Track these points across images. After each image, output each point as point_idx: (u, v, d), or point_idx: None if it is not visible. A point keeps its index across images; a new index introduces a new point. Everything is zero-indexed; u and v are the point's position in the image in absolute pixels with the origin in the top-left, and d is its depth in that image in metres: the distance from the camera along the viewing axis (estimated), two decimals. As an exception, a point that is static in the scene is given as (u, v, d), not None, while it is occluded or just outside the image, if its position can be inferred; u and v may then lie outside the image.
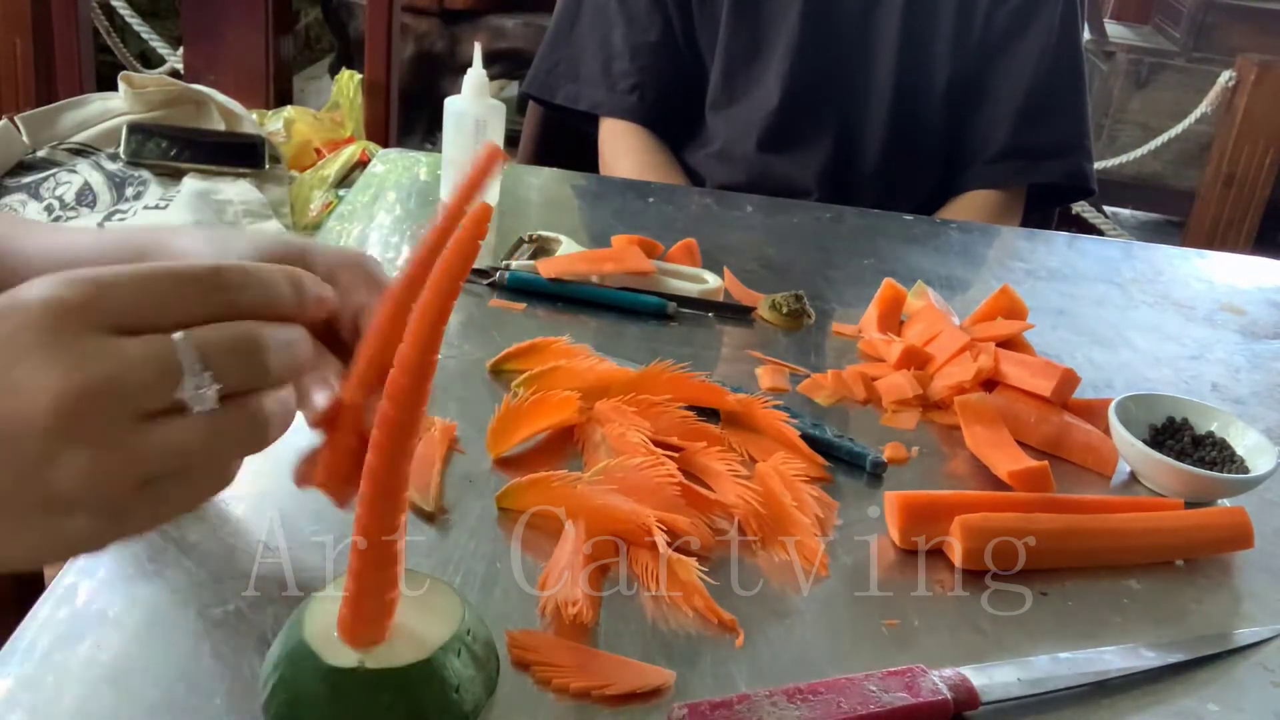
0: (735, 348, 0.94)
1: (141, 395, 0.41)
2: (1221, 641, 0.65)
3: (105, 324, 0.40)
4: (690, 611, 0.62)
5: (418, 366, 0.47)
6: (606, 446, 0.73)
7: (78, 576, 0.58)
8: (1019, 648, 0.63)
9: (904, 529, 0.70)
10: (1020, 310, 0.98)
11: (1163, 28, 3.90)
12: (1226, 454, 0.81)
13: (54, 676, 0.52)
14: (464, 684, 0.52)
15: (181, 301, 0.42)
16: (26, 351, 0.39)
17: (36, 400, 0.39)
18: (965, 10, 1.37)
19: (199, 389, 0.41)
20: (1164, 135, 3.39)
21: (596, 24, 1.44)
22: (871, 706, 0.55)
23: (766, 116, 1.38)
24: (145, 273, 0.42)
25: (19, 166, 1.95)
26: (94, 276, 0.41)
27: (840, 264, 1.15)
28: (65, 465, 0.40)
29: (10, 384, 0.39)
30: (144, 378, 0.40)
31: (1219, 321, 1.13)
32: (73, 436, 0.39)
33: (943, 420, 0.86)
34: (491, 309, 0.95)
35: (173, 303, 0.42)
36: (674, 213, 1.23)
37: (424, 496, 0.68)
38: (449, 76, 3.62)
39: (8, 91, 2.11)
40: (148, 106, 2.04)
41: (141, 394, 0.41)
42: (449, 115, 1.10)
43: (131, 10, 2.82)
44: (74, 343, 0.39)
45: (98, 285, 0.41)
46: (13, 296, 0.40)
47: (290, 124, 2.23)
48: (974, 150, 1.42)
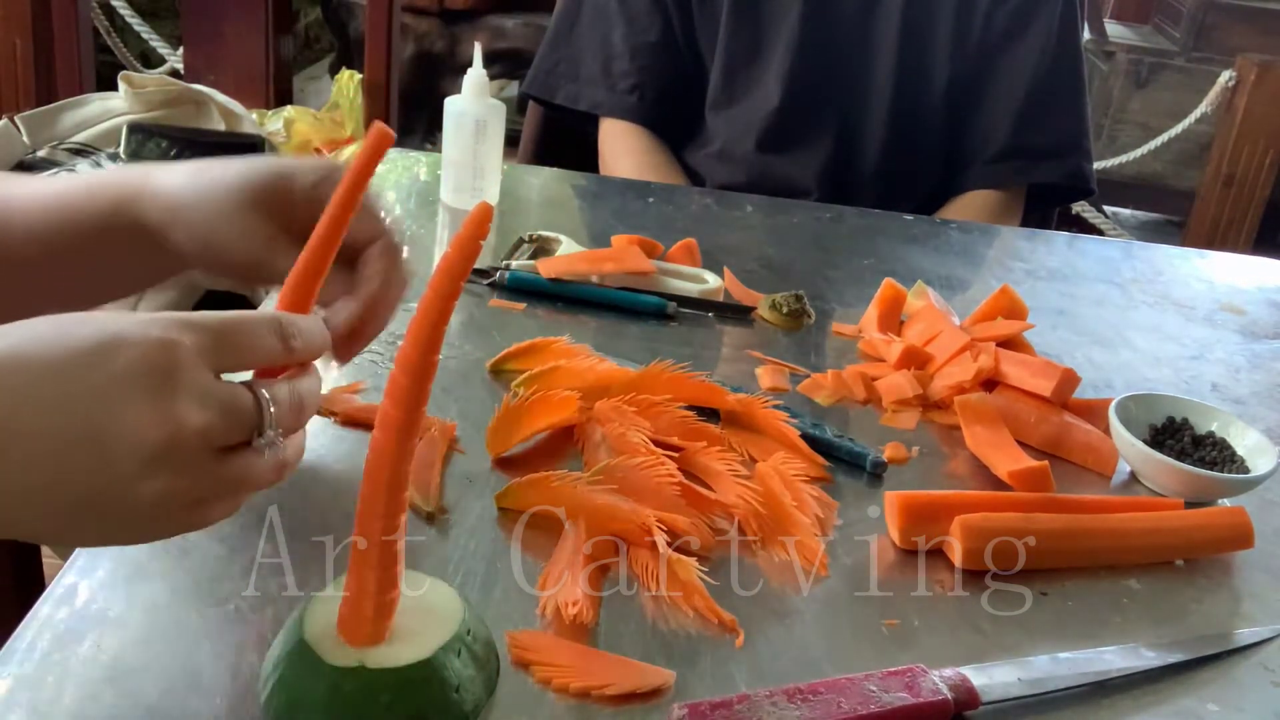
0: (735, 348, 0.94)
1: (224, 440, 0.48)
2: (1221, 641, 0.65)
3: (204, 365, 0.47)
4: (690, 611, 0.62)
5: (418, 366, 0.47)
6: (606, 446, 0.73)
7: (78, 576, 0.58)
8: (1019, 648, 0.63)
9: (904, 529, 0.70)
10: (1020, 310, 0.98)
11: (1163, 28, 3.90)
12: (1226, 454, 0.81)
13: (54, 676, 0.52)
14: (464, 684, 0.52)
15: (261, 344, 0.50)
16: (140, 391, 0.45)
17: (144, 437, 0.45)
18: (964, 10, 1.37)
19: (272, 441, 0.50)
20: (1164, 135, 3.39)
21: (596, 24, 1.45)
22: (871, 706, 0.55)
23: (766, 116, 1.38)
24: (233, 319, 0.49)
25: (19, 166, 1.94)
26: (190, 321, 0.48)
27: (840, 264, 1.15)
28: (149, 483, 0.46)
29: (123, 416, 0.45)
30: (229, 426, 0.48)
31: (1219, 321, 1.13)
32: (163, 468, 0.46)
33: (943, 420, 0.86)
34: (491, 309, 0.95)
35: (255, 345, 0.50)
36: (674, 213, 1.23)
37: (424, 496, 0.68)
38: (449, 76, 3.62)
39: (8, 91, 2.11)
40: (148, 106, 2.04)
41: (224, 439, 0.48)
42: (449, 115, 1.10)
43: (131, 10, 2.82)
44: (180, 391, 0.46)
45: (194, 330, 0.47)
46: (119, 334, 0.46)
47: (290, 124, 2.23)
48: (974, 150, 1.42)
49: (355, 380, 0.80)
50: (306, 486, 0.68)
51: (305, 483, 0.68)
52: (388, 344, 0.86)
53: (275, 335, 0.50)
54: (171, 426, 0.45)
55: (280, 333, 0.51)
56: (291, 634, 0.52)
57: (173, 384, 0.46)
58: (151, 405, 0.45)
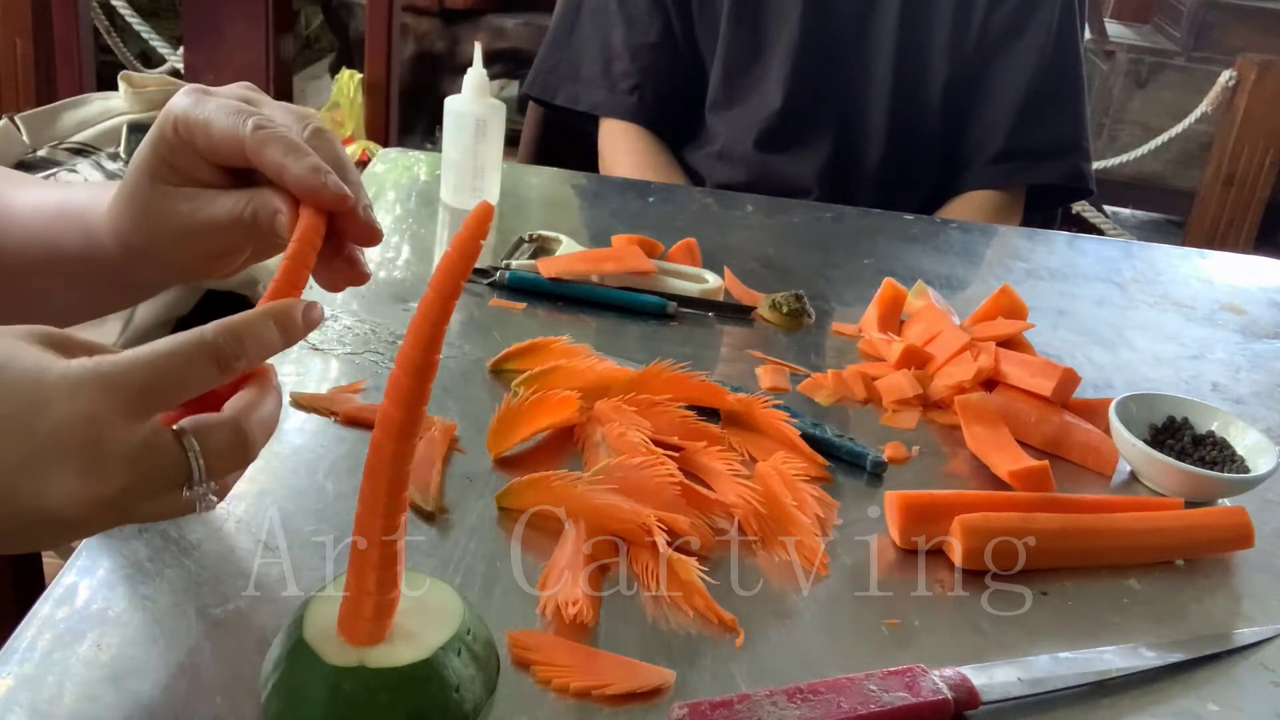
0: (735, 347, 0.94)
1: (150, 494, 0.48)
2: (1221, 641, 0.65)
3: (134, 422, 0.46)
4: (690, 611, 0.62)
5: (419, 366, 0.47)
6: (606, 446, 0.73)
7: (78, 576, 0.58)
8: (1019, 647, 0.63)
9: (904, 529, 0.70)
10: (1020, 310, 0.98)
11: (1163, 27, 3.89)
12: (1227, 454, 0.81)
13: (54, 676, 0.52)
14: (464, 684, 0.52)
15: (192, 384, 0.48)
16: (64, 462, 0.45)
17: (69, 504, 0.46)
18: (963, 10, 1.37)
19: (204, 494, 0.49)
20: (1164, 135, 3.38)
21: (596, 25, 1.45)
22: (872, 706, 0.55)
23: (767, 117, 1.38)
24: (159, 366, 0.47)
25: (19, 166, 1.94)
26: (119, 381, 0.46)
27: (840, 264, 1.15)
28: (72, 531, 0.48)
29: (48, 486, 0.45)
30: (158, 485, 0.47)
31: (1219, 321, 1.13)
32: (90, 524, 0.48)
33: (943, 420, 0.86)
34: (492, 309, 0.95)
35: (185, 387, 0.48)
36: (674, 213, 1.23)
37: (424, 496, 0.68)
38: (449, 76, 3.62)
39: (8, 91, 2.11)
40: (148, 106, 2.04)
41: (153, 493, 0.48)
42: (449, 115, 1.10)
43: (132, 10, 2.82)
44: (103, 462, 0.45)
45: (124, 394, 0.46)
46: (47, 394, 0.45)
47: (290, 124, 2.22)
48: (973, 150, 1.42)
49: (355, 380, 0.80)
50: (306, 486, 0.68)
51: (305, 483, 0.68)
52: (388, 344, 0.86)
53: (211, 363, 0.49)
54: (94, 491, 0.46)
55: (217, 358, 0.49)
56: (291, 634, 0.52)
57: (96, 455, 0.45)
58: (74, 477, 0.45)
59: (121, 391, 0.46)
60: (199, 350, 0.48)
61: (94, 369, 0.46)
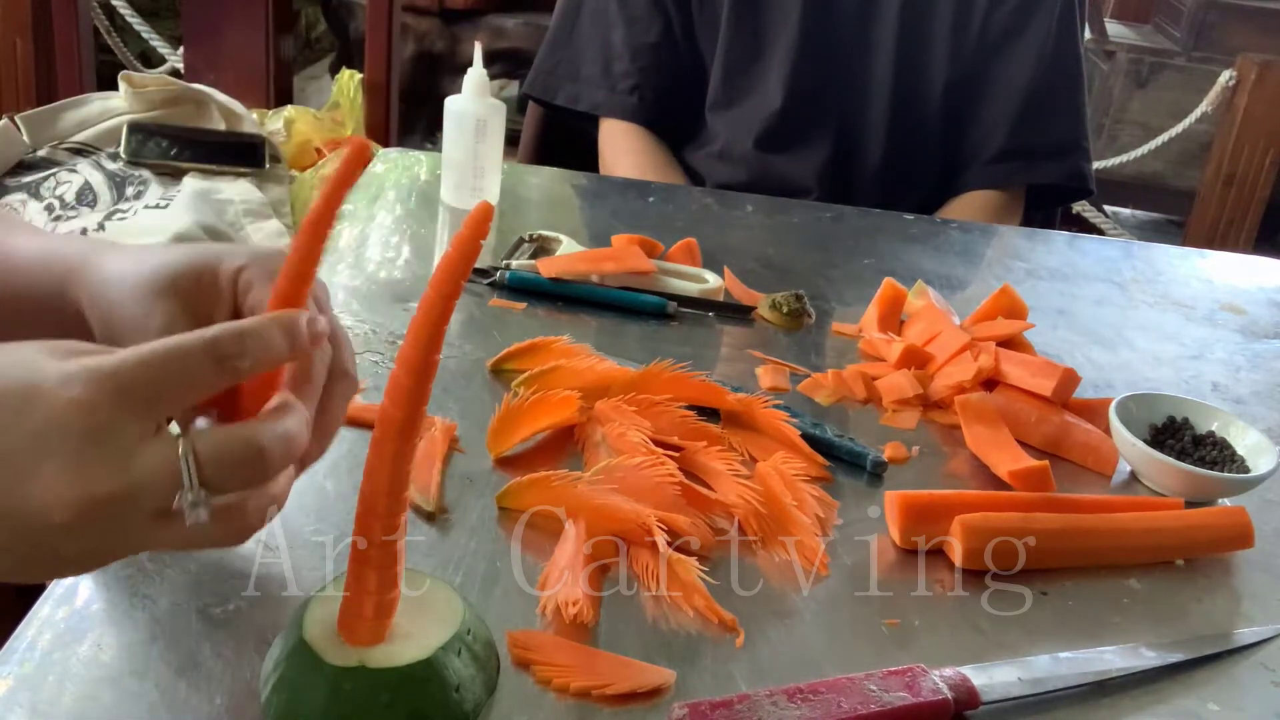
0: (735, 347, 0.94)
1: (147, 504, 0.45)
2: (1221, 641, 0.65)
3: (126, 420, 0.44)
4: (690, 611, 0.62)
5: (419, 366, 0.47)
6: (607, 446, 0.73)
7: (78, 576, 0.58)
8: (1019, 647, 0.63)
9: (904, 529, 0.70)
10: (1020, 310, 0.98)
11: (1163, 27, 3.89)
12: (1227, 454, 0.81)
13: (54, 676, 0.52)
14: (464, 684, 0.52)
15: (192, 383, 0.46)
16: (53, 455, 0.43)
17: (57, 503, 0.44)
18: (963, 10, 1.37)
19: (194, 506, 0.46)
20: (1164, 135, 3.38)
21: (596, 25, 1.45)
22: (872, 706, 0.55)
23: (767, 117, 1.38)
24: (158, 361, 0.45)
25: (19, 166, 1.94)
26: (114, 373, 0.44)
27: (840, 264, 1.15)
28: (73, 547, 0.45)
29: (36, 482, 0.43)
30: (150, 492, 0.45)
31: (1219, 321, 1.13)
32: (83, 533, 0.45)
33: (943, 420, 0.86)
34: (492, 309, 0.95)
35: (185, 385, 0.46)
36: (674, 213, 1.23)
37: (424, 496, 0.68)
38: (449, 76, 3.61)
39: (8, 91, 2.11)
40: (148, 106, 2.04)
41: (147, 504, 0.45)
42: (449, 115, 1.10)
43: (132, 10, 2.82)
44: (93, 458, 0.44)
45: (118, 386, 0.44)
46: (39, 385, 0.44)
47: (290, 123, 2.23)
48: (973, 150, 1.42)
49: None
50: (306, 486, 0.68)
51: (305, 483, 0.68)
52: (388, 344, 0.86)
53: (210, 360, 0.46)
54: (84, 490, 0.43)
55: (217, 357, 0.46)
56: (291, 634, 0.52)
57: (87, 449, 0.43)
58: (63, 472, 0.43)
59: (112, 381, 0.44)
60: (198, 345, 0.46)
61: (89, 362, 0.45)
